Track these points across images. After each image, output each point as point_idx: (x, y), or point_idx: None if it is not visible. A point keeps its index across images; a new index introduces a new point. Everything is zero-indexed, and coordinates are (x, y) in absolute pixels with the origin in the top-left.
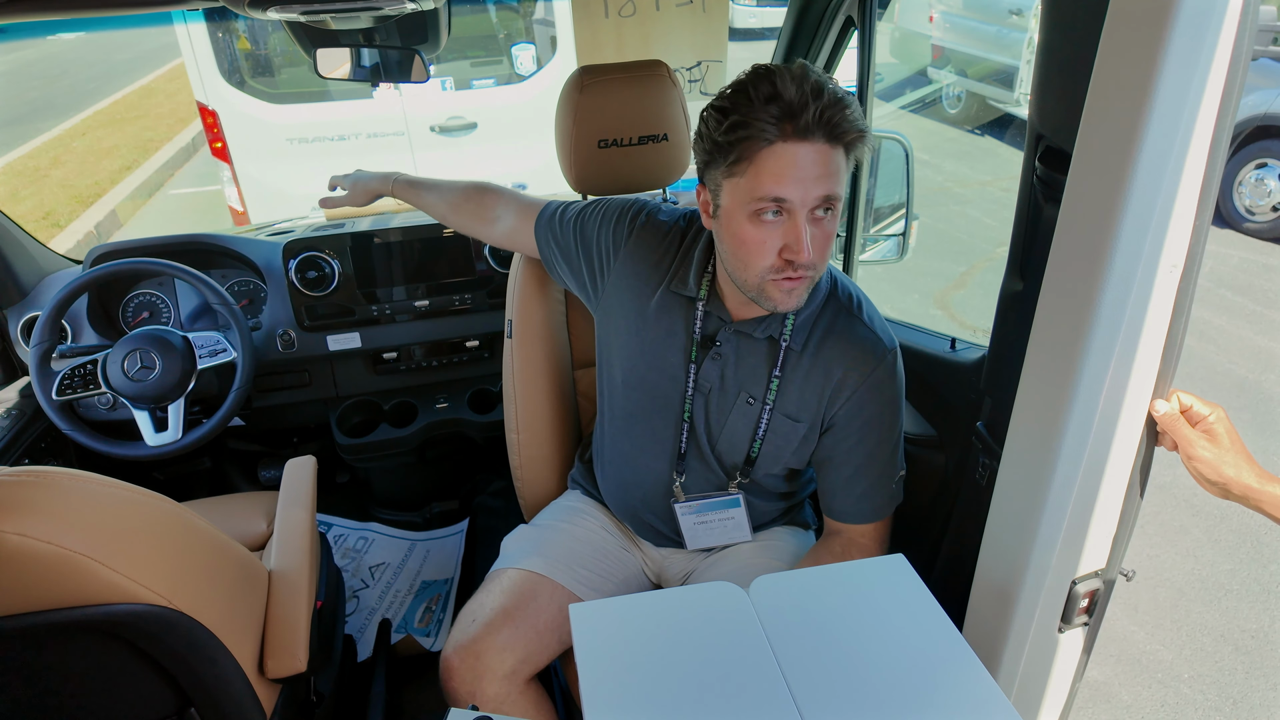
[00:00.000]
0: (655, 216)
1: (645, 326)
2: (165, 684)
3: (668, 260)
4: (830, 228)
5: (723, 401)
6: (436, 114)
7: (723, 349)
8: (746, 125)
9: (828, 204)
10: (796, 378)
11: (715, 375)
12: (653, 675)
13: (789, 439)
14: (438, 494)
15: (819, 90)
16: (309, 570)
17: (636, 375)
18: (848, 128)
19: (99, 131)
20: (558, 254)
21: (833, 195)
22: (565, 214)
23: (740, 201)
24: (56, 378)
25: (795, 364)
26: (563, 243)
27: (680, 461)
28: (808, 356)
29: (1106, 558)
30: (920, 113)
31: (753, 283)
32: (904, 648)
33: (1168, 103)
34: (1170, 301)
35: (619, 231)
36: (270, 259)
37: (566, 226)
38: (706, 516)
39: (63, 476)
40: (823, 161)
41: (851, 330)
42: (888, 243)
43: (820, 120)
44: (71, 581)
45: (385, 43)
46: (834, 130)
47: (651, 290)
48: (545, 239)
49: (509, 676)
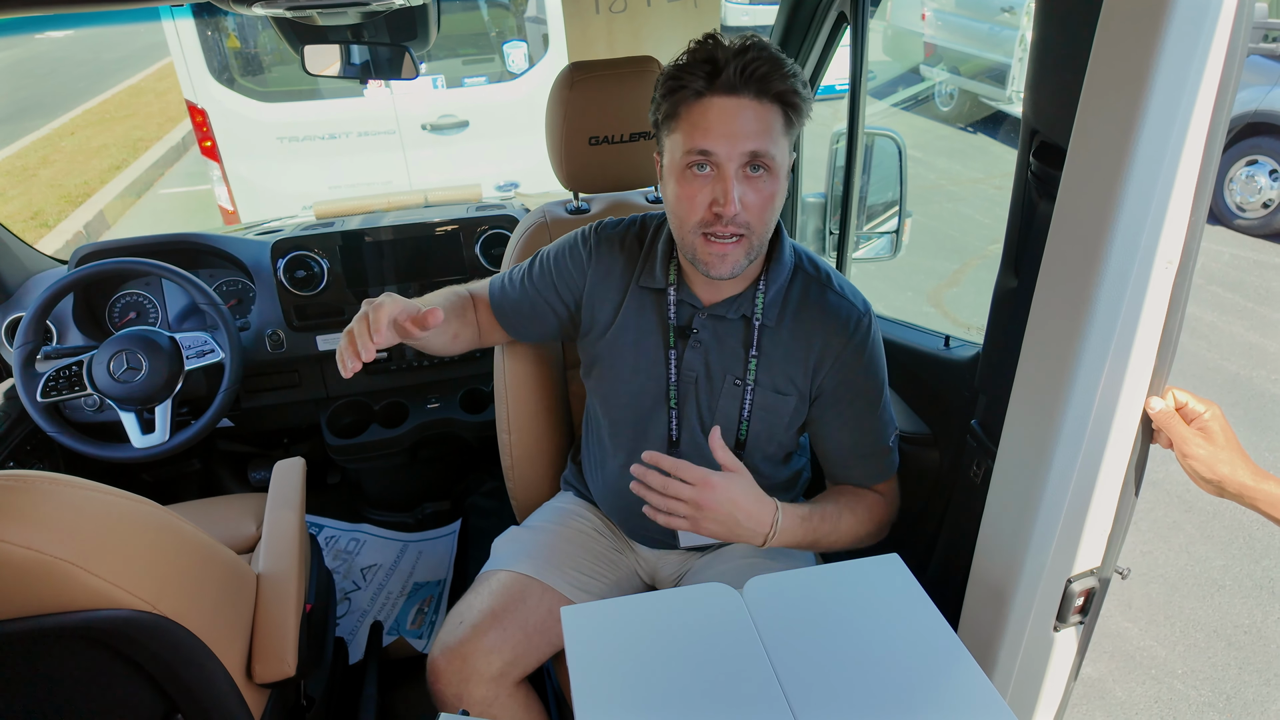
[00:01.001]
0: (606, 231)
1: (622, 333)
2: (151, 690)
3: (632, 263)
4: (767, 189)
5: (711, 388)
6: (428, 112)
7: (701, 335)
8: (679, 78)
9: (757, 160)
10: (777, 353)
11: (699, 363)
12: (645, 678)
13: (779, 414)
14: (430, 495)
15: (748, 48)
16: (298, 573)
17: (621, 381)
18: (776, 80)
19: (88, 131)
20: (525, 309)
21: (761, 152)
22: (513, 276)
23: (674, 157)
24: (41, 379)
25: (773, 339)
26: (522, 296)
27: (674, 451)
28: (785, 330)
29: (1102, 556)
30: (913, 110)
31: (688, 240)
32: (899, 647)
33: (1163, 97)
34: (1166, 297)
35: (576, 259)
36: (259, 258)
37: (519, 284)
38: None
39: (42, 481)
40: (750, 116)
41: (824, 300)
42: (881, 240)
43: (745, 74)
44: (52, 587)
45: (374, 39)
46: (762, 84)
47: (621, 296)
48: (504, 305)
49: (496, 679)
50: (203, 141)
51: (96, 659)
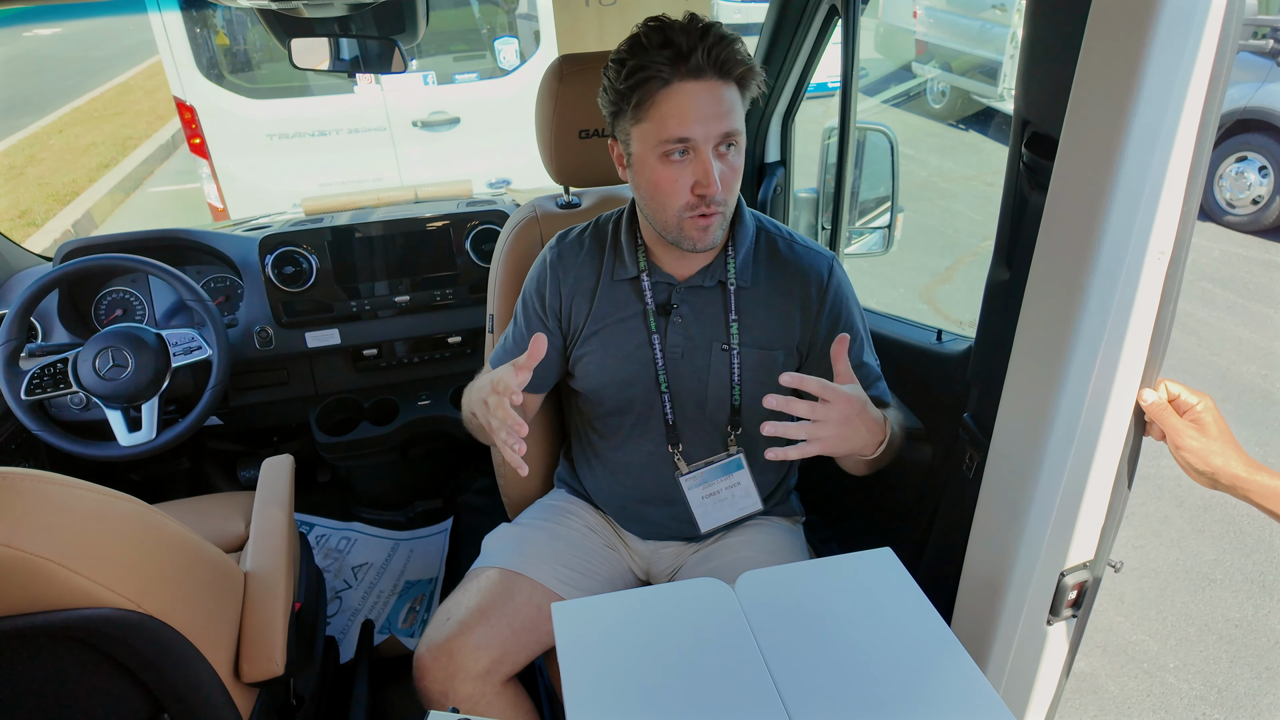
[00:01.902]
0: (564, 241)
1: (602, 328)
2: (137, 690)
3: (597, 261)
4: (736, 163)
5: (697, 358)
6: (418, 109)
7: (680, 310)
8: (643, 68)
9: (729, 139)
10: (758, 311)
11: (682, 338)
12: (636, 674)
13: (769, 371)
14: (421, 493)
15: (705, 31)
16: (286, 571)
17: (609, 374)
18: (736, 63)
19: (76, 129)
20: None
21: (732, 130)
22: (505, 341)
23: (649, 146)
24: (25, 377)
25: (751, 299)
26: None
27: (672, 431)
28: (761, 288)
29: (1095, 549)
30: (904, 107)
31: (671, 223)
32: (892, 641)
33: (1154, 88)
34: (1158, 288)
35: (544, 280)
36: (247, 254)
37: (512, 342)
38: (714, 486)
39: (22, 478)
40: (718, 99)
41: (793, 253)
42: (873, 235)
43: (710, 58)
44: (34, 586)
45: (362, 32)
46: (724, 67)
47: (593, 295)
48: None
49: (483, 677)
50: (191, 139)
51: (80, 659)
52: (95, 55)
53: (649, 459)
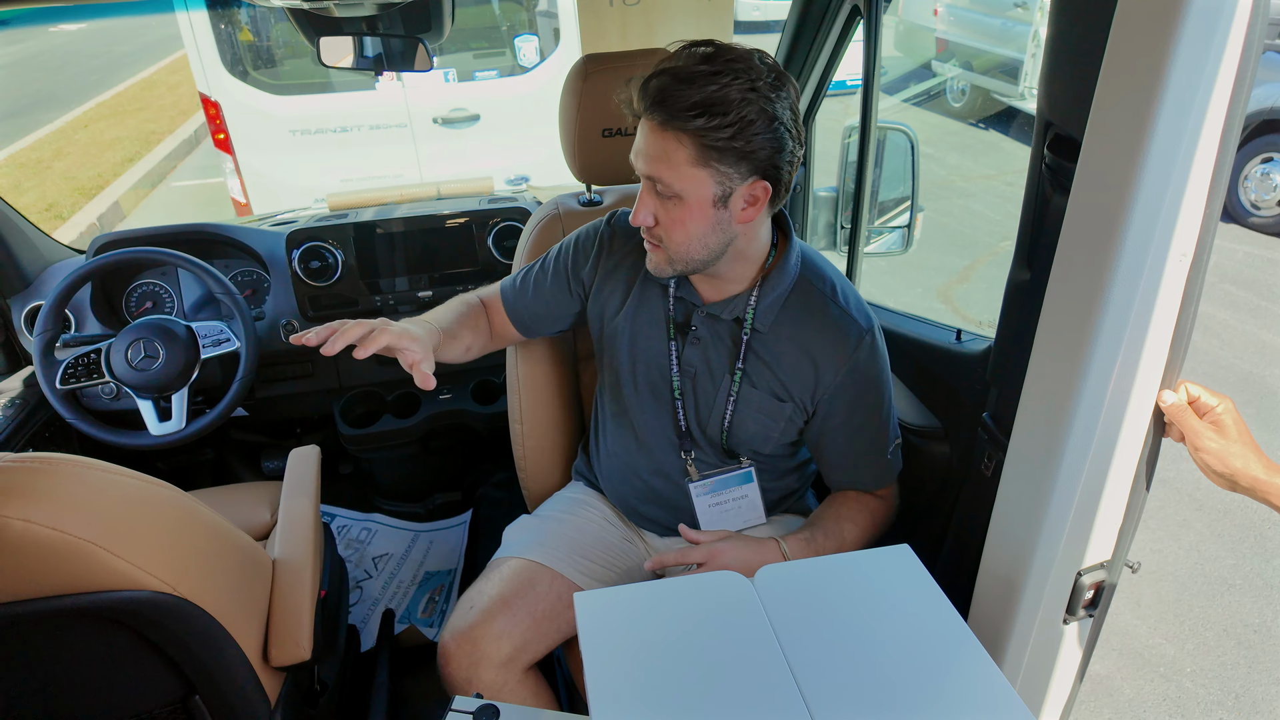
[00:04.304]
0: (618, 224)
1: (629, 322)
2: (170, 671)
3: (643, 256)
4: (675, 214)
5: (708, 385)
6: (439, 106)
7: (699, 332)
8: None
9: (658, 185)
10: (773, 359)
11: (698, 359)
12: (658, 664)
13: (775, 419)
14: (441, 485)
15: (663, 72)
16: (313, 559)
17: (627, 370)
18: (677, 115)
19: (101, 123)
20: (536, 307)
21: (655, 177)
22: (526, 275)
23: None
24: (60, 367)
25: (768, 345)
26: (536, 294)
27: (684, 439)
28: (782, 339)
29: (1112, 549)
30: (924, 106)
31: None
32: (910, 637)
33: (1179, 90)
34: (1180, 291)
35: (588, 251)
36: (273, 249)
37: (534, 278)
38: (721, 496)
39: (68, 463)
40: (652, 141)
41: (826, 314)
42: (893, 235)
43: (650, 99)
44: (76, 568)
45: (388, 31)
46: (664, 113)
47: (630, 287)
48: (514, 307)
49: (506, 664)
50: (216, 134)
51: (117, 639)
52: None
53: (660, 463)
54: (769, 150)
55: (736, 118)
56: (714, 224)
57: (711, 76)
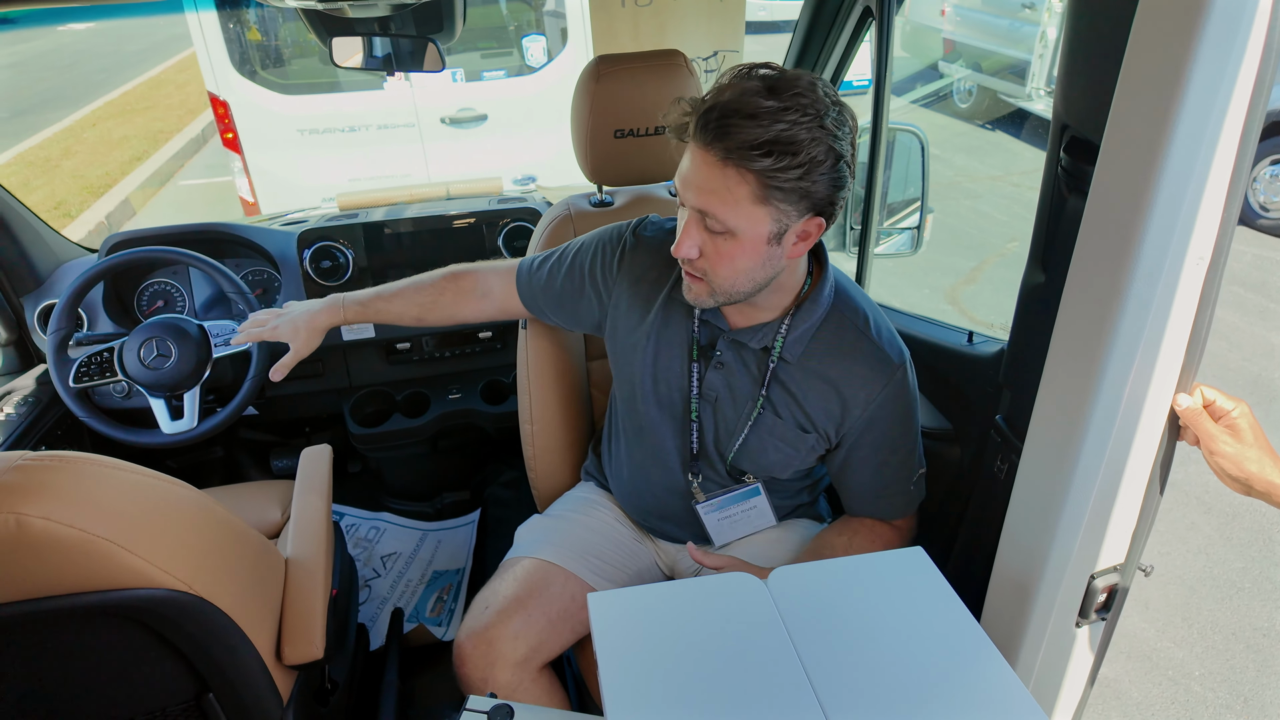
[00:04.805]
0: (644, 234)
1: (650, 340)
2: (185, 669)
3: (669, 272)
4: (725, 249)
5: (730, 411)
6: (447, 106)
7: (723, 357)
8: (691, 113)
9: (708, 220)
10: (798, 390)
11: (721, 384)
12: (672, 664)
13: (798, 449)
14: (449, 484)
15: (723, 103)
16: (325, 558)
17: (645, 389)
18: (740, 150)
19: (109, 122)
20: (547, 302)
21: (707, 211)
22: (545, 262)
23: None
24: (73, 365)
25: (795, 376)
26: (549, 289)
27: (694, 463)
28: (810, 371)
29: (1125, 553)
30: (931, 107)
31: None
32: (924, 639)
33: (1200, 91)
34: (1196, 294)
35: (610, 256)
36: (285, 248)
37: (547, 272)
38: (729, 511)
39: (87, 462)
40: (709, 174)
41: (858, 348)
42: (902, 236)
43: (709, 129)
44: (95, 566)
45: (400, 31)
46: (725, 146)
47: (653, 304)
48: (530, 293)
49: (521, 664)
50: (224, 133)
51: (134, 637)
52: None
53: (669, 482)
54: (831, 189)
55: (806, 158)
56: (764, 260)
57: (780, 113)
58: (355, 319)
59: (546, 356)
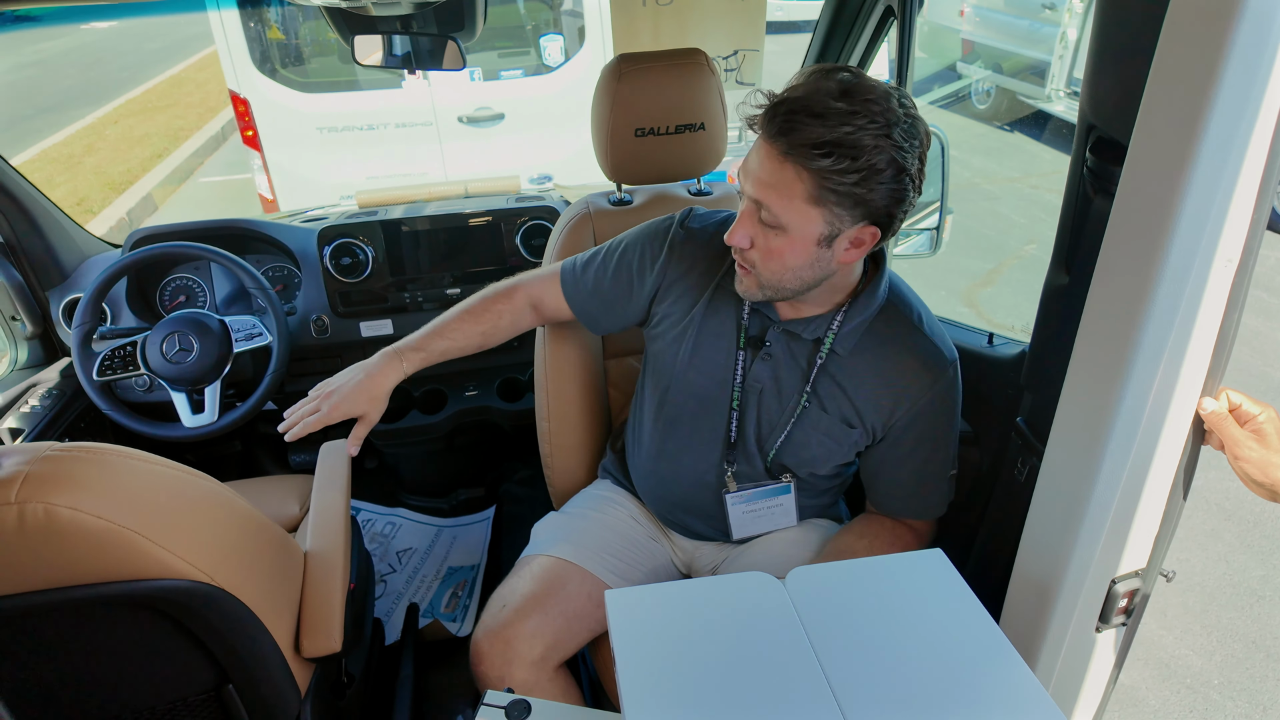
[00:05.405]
0: (695, 224)
1: (693, 329)
2: (205, 660)
3: (720, 261)
4: (773, 244)
5: (775, 403)
6: (464, 105)
7: (772, 349)
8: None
9: (761, 210)
10: (848, 384)
11: (768, 376)
12: (689, 663)
13: (840, 442)
14: (465, 481)
15: (803, 100)
16: (344, 552)
17: (686, 381)
18: (801, 147)
19: (131, 119)
20: (598, 307)
21: (763, 202)
22: (589, 265)
23: None
24: (97, 359)
25: (846, 370)
26: (597, 293)
27: (731, 451)
28: (861, 363)
29: (1147, 558)
30: (949, 108)
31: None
32: (944, 642)
33: (1232, 90)
34: (1224, 296)
35: (659, 250)
36: (305, 245)
37: (593, 276)
38: (756, 505)
39: (113, 453)
40: (769, 167)
41: (913, 342)
42: (921, 237)
43: (775, 123)
44: (120, 556)
45: (422, 29)
46: (788, 141)
47: (700, 296)
48: (579, 299)
49: (538, 663)
50: (244, 131)
51: (156, 627)
52: (150, 48)
53: (699, 472)
54: (889, 200)
55: (866, 164)
56: (813, 260)
57: (847, 116)
58: (417, 367)
59: (564, 354)
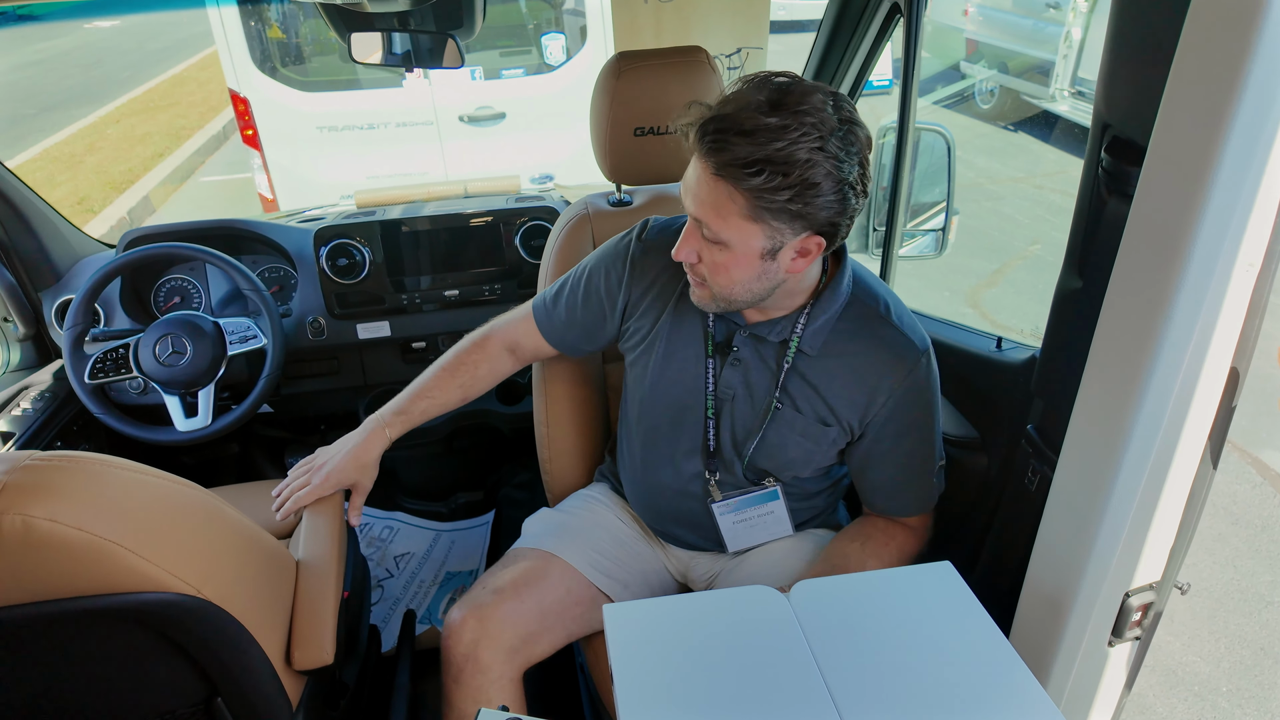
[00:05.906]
0: (649, 239)
1: (663, 343)
2: (193, 673)
3: (680, 274)
4: (719, 259)
5: (749, 408)
6: (465, 104)
7: (741, 354)
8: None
9: (704, 230)
10: (819, 382)
11: (739, 381)
12: (689, 680)
13: (820, 444)
14: (463, 485)
15: (724, 116)
16: (337, 561)
17: (659, 392)
18: (729, 167)
19: (132, 119)
20: (577, 337)
21: (703, 221)
22: (559, 297)
23: None
24: (89, 361)
25: (816, 369)
26: (572, 325)
27: (711, 460)
28: (831, 360)
29: (1162, 571)
30: (952, 108)
31: None
32: (951, 656)
33: (1257, 89)
34: (1245, 301)
35: (621, 269)
36: (301, 246)
37: (564, 308)
38: (746, 514)
39: (93, 462)
40: (703, 185)
41: (882, 334)
42: (926, 238)
43: (704, 143)
44: (101, 568)
45: (420, 27)
46: (717, 160)
47: (664, 307)
48: (555, 334)
49: (508, 652)
50: (245, 130)
51: (141, 641)
52: (152, 47)
53: (683, 483)
54: (830, 212)
55: (799, 179)
56: (759, 273)
57: (778, 131)
58: (401, 430)
59: (562, 360)
